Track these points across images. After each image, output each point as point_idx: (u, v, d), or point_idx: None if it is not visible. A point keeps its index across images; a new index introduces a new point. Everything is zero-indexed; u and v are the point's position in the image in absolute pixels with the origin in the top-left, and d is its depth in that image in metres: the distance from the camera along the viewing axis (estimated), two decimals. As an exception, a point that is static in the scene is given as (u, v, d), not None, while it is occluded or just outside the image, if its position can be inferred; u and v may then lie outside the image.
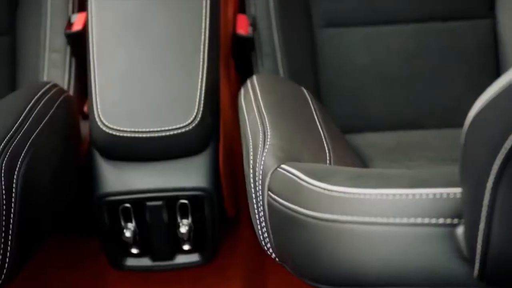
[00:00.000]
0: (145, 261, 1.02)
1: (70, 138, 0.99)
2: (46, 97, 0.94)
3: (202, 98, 0.95)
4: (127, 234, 0.98)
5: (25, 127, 0.85)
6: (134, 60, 0.96)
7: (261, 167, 0.76)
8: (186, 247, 1.01)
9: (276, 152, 0.77)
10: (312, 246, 0.66)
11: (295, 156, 0.77)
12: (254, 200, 0.77)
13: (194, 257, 1.02)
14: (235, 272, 1.20)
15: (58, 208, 0.93)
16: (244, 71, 1.18)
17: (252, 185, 0.77)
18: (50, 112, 0.92)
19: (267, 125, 0.81)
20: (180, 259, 1.02)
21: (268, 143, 0.78)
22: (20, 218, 0.77)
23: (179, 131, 0.94)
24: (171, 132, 0.93)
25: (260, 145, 0.79)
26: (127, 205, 0.97)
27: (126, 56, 0.96)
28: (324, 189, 0.65)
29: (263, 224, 0.75)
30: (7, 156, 0.78)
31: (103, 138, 0.94)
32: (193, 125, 0.94)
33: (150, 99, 0.94)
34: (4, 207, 0.75)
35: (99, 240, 1.01)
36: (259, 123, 0.82)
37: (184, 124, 0.94)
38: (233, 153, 1.12)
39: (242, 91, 0.98)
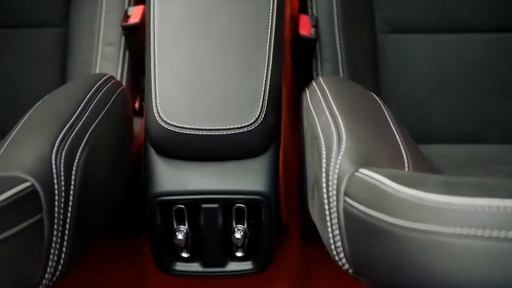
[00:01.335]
0: (195, 266, 0.97)
1: (125, 132, 0.95)
2: (104, 89, 0.90)
3: (266, 98, 0.90)
4: (179, 236, 0.93)
5: (85, 117, 0.81)
6: (196, 55, 0.92)
7: (336, 171, 0.71)
8: (239, 253, 0.96)
9: (352, 155, 0.72)
10: (397, 259, 0.60)
11: (372, 160, 0.72)
12: (326, 206, 0.72)
13: (247, 265, 0.97)
14: (283, 283, 1.15)
15: (110, 205, 0.88)
16: (302, 73, 1.13)
17: (324, 190, 0.72)
18: (108, 104, 0.88)
19: (342, 127, 0.76)
20: (232, 266, 0.97)
21: (343, 145, 0.73)
22: (77, 214, 0.73)
23: (241, 131, 0.89)
24: (232, 132, 0.89)
25: (334, 148, 0.74)
26: (181, 206, 0.93)
27: (188, 51, 0.92)
28: (415, 196, 0.59)
29: (336, 232, 0.70)
30: (67, 145, 0.74)
31: (161, 135, 0.90)
32: (256, 125, 0.89)
33: (211, 96, 0.90)
34: (63, 199, 0.71)
35: (149, 241, 0.97)
36: (332, 125, 0.77)
37: (246, 123, 0.89)
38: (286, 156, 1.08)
39: (307, 92, 0.93)
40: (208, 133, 0.89)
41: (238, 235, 0.93)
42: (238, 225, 0.93)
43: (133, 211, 1.08)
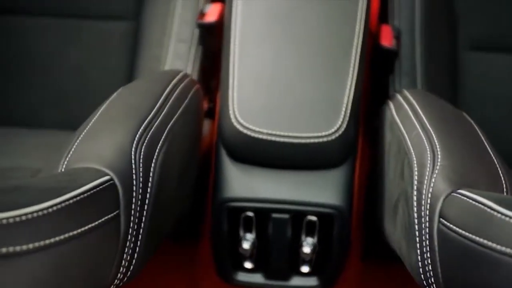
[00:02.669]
0: (258, 278, 0.93)
1: (197, 133, 0.91)
2: (181, 86, 0.86)
3: (349, 107, 0.86)
4: (245, 245, 0.89)
5: (163, 113, 0.78)
6: (278, 58, 0.88)
7: (430, 189, 0.67)
8: (305, 268, 0.92)
9: (448, 174, 0.67)
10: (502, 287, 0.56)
11: (468, 181, 0.67)
12: (417, 226, 0.67)
13: (312, 281, 0.92)
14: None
15: (179, 208, 0.85)
16: (378, 86, 1.09)
17: (415, 208, 0.68)
18: (184, 103, 0.84)
19: (436, 143, 0.72)
20: (296, 281, 0.93)
21: (438, 163, 0.69)
22: (152, 213, 0.70)
23: (320, 140, 0.85)
24: (311, 140, 0.85)
25: (428, 165, 0.69)
26: (250, 213, 0.89)
27: (270, 52, 0.88)
28: (529, 224, 0.55)
29: (428, 254, 0.65)
30: (146, 141, 0.71)
31: (236, 138, 0.86)
32: (336, 135, 0.85)
33: (292, 102, 0.86)
34: (140, 196, 0.67)
35: (212, 248, 0.93)
36: (425, 141, 0.73)
37: (327, 133, 0.85)
38: None
39: (391, 106, 0.88)
40: (285, 140, 0.85)
41: (306, 249, 0.89)
42: (308, 238, 0.89)
43: (193, 216, 1.04)
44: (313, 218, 0.88)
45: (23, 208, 0.55)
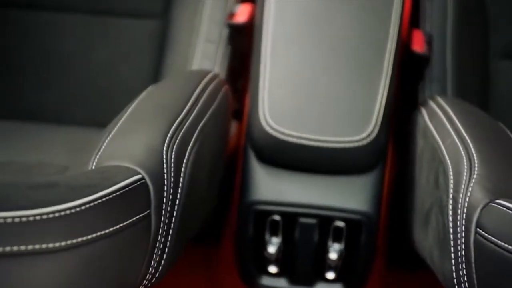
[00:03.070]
0: (282, 282, 0.92)
1: (224, 134, 0.91)
2: (211, 86, 0.86)
3: (381, 113, 0.85)
4: (271, 249, 0.88)
5: (194, 113, 0.77)
6: (310, 60, 0.87)
7: (467, 199, 0.65)
8: (330, 275, 0.90)
9: (486, 183, 0.65)
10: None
11: (506, 192, 0.66)
12: (452, 236, 0.66)
13: (337, 287, 0.92)
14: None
15: (205, 210, 0.84)
16: (407, 91, 1.07)
17: (450, 218, 0.66)
18: (214, 104, 0.83)
19: (473, 151, 0.70)
20: (321, 287, 0.91)
21: (475, 172, 0.67)
22: (182, 214, 0.69)
23: (351, 145, 0.84)
24: (342, 145, 0.84)
25: (464, 173, 0.68)
26: (277, 217, 0.88)
27: (302, 55, 0.87)
28: None
29: (463, 265, 0.64)
30: (177, 140, 0.70)
31: (265, 140, 0.85)
32: (368, 140, 0.84)
33: (323, 105, 0.85)
34: (171, 196, 0.66)
35: (236, 251, 0.92)
36: (461, 149, 0.71)
37: (358, 138, 0.84)
38: None
39: (424, 112, 0.87)
40: (315, 144, 0.84)
41: (333, 255, 0.87)
42: (334, 244, 0.88)
43: (215, 217, 1.03)
44: (341, 223, 0.87)
45: (56, 205, 0.54)
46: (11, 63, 1.09)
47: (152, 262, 0.64)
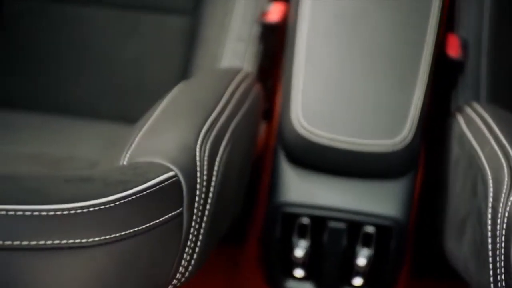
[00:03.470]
0: (307, 287, 0.90)
1: (254, 134, 0.89)
2: (243, 84, 0.84)
3: (416, 117, 0.83)
4: (298, 252, 0.86)
5: (227, 111, 0.75)
6: (345, 62, 0.85)
7: (507, 208, 0.63)
8: (357, 281, 0.88)
9: (527, 193, 0.64)
10: None
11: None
12: (490, 246, 0.64)
13: (364, 294, 0.90)
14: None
15: (234, 210, 0.82)
16: (438, 97, 1.06)
17: (489, 227, 0.65)
18: (247, 101, 0.82)
19: None
20: (347, 292, 0.90)
21: None
22: (213, 213, 0.67)
23: (385, 149, 0.82)
24: (375, 149, 0.82)
25: (505, 182, 0.66)
26: (305, 220, 0.86)
27: (337, 56, 0.85)
28: None
29: (502, 276, 0.62)
30: (211, 138, 0.69)
31: (297, 141, 0.83)
32: (402, 145, 0.82)
33: (357, 108, 0.83)
34: (203, 195, 0.65)
35: (262, 254, 0.91)
36: (501, 156, 0.69)
37: (392, 142, 0.82)
38: None
39: (460, 118, 0.85)
40: (348, 147, 0.82)
41: (361, 261, 0.86)
42: (363, 250, 0.86)
43: (240, 219, 1.02)
44: (371, 229, 0.85)
45: (91, 200, 0.53)
46: (43, 56, 1.08)
47: (183, 261, 0.63)
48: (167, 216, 0.60)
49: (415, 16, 0.88)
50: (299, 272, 0.90)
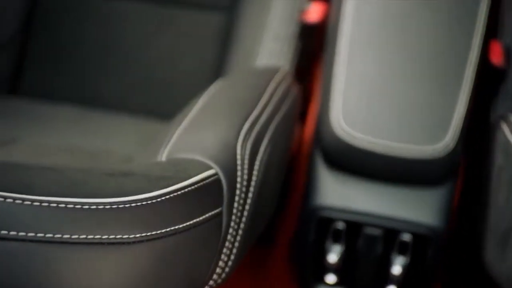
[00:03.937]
0: (340, 293, 0.89)
1: (292, 134, 0.88)
2: (284, 84, 0.82)
3: (459, 124, 0.81)
4: (332, 258, 0.84)
5: (268, 111, 0.74)
6: (387, 65, 0.83)
7: None
8: (390, 289, 0.87)
9: None
10: None
11: None
12: None
13: (397, 303, 0.88)
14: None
15: (269, 210, 0.81)
16: (477, 104, 1.03)
17: None
18: (287, 101, 0.80)
19: None
20: (380, 301, 0.88)
21: None
22: (252, 212, 0.66)
23: (426, 155, 0.80)
24: (417, 154, 0.80)
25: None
26: (340, 225, 0.84)
27: (380, 59, 0.83)
28: None
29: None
30: (252, 137, 0.67)
31: (336, 144, 0.81)
32: (444, 152, 0.80)
33: (399, 112, 0.81)
34: (243, 195, 0.63)
35: (294, 257, 0.89)
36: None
37: (434, 148, 0.80)
38: None
39: (505, 127, 0.83)
40: (388, 151, 0.80)
41: (396, 269, 0.83)
42: (399, 258, 0.84)
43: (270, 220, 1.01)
44: (407, 237, 0.83)
45: (133, 195, 0.52)
46: (76, 50, 1.08)
47: (220, 262, 0.62)
48: (208, 215, 0.58)
49: (461, 20, 0.85)
50: (331, 278, 0.88)
